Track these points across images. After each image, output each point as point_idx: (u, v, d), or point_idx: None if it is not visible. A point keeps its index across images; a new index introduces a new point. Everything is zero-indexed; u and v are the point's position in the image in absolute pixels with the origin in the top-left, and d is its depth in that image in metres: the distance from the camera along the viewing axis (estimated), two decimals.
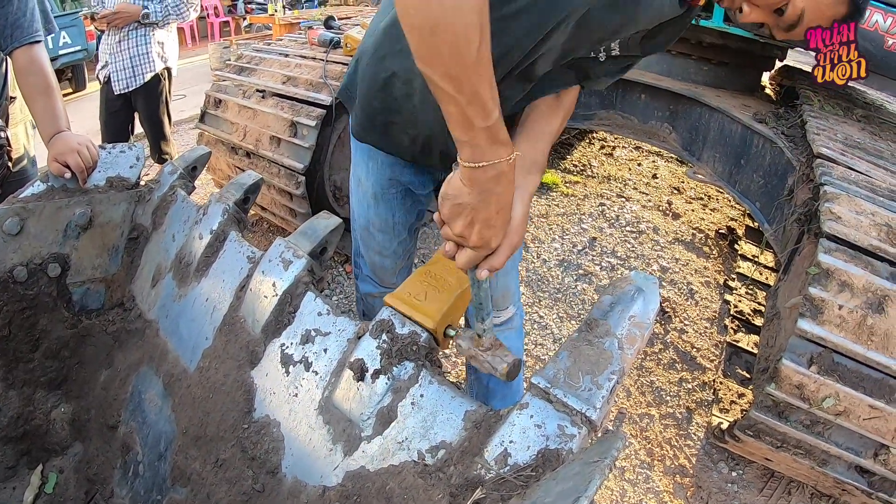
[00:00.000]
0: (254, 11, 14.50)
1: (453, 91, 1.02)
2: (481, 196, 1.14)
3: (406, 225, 2.00)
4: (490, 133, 1.08)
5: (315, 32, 4.13)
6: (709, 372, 3.48)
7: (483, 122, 1.05)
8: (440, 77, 1.01)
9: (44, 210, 1.96)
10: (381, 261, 2.09)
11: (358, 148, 1.88)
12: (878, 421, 2.02)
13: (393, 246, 2.04)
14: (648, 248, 4.72)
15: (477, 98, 1.03)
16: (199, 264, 1.83)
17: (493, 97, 1.05)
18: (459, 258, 1.24)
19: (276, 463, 1.47)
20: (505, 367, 1.29)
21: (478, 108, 1.04)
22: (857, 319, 2.02)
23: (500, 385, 2.31)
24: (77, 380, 2.08)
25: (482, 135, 1.07)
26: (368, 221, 1.99)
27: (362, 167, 1.90)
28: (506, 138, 1.12)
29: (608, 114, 4.69)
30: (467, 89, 1.01)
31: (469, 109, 1.04)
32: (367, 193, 1.93)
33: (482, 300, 1.30)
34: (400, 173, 1.84)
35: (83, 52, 9.82)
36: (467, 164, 1.11)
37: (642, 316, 1.22)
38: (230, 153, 3.97)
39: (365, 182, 1.91)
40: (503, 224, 1.22)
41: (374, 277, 2.17)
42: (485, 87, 1.03)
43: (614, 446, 0.90)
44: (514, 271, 2.15)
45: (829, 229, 2.11)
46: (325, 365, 1.46)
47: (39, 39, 2.30)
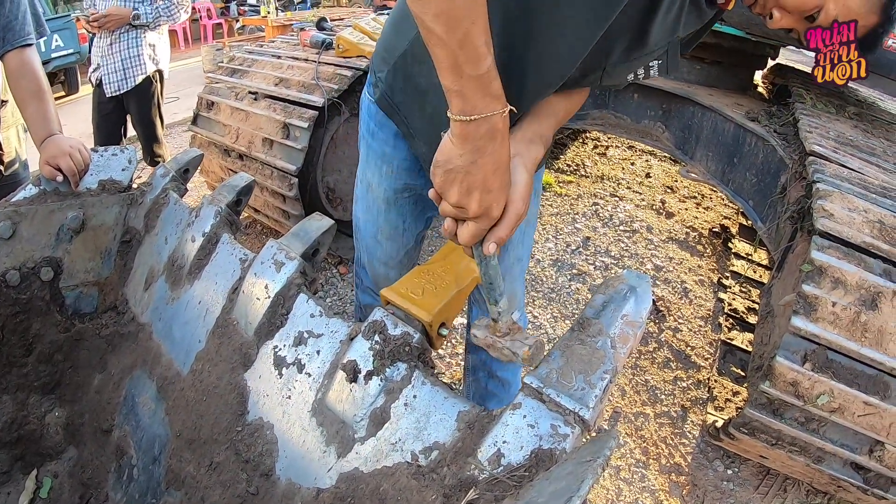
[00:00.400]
0: (246, 13, 14.51)
1: (443, 32, 0.99)
2: (474, 156, 1.09)
3: (415, 232, 1.95)
4: (482, 82, 1.04)
5: (307, 34, 4.13)
6: (703, 370, 3.48)
7: (474, 69, 1.02)
8: (432, 17, 0.98)
9: (36, 214, 1.95)
10: (386, 271, 2.03)
11: (372, 151, 1.81)
12: (873, 417, 2.02)
13: (399, 255, 1.98)
14: (642, 247, 4.72)
15: (468, 41, 0.99)
16: (192, 267, 1.83)
17: (487, 42, 1.02)
18: (462, 233, 1.18)
19: (270, 465, 1.47)
20: (527, 351, 1.23)
21: (469, 52, 1.00)
22: (851, 316, 2.02)
23: (499, 388, 2.30)
24: (71, 384, 2.07)
25: (473, 84, 1.03)
26: (378, 229, 1.91)
27: (375, 171, 1.81)
28: (499, 91, 1.07)
29: (601, 113, 4.70)
30: (459, 31, 0.98)
31: (460, 54, 1.00)
32: (378, 199, 1.85)
33: (492, 279, 1.24)
34: (415, 178, 1.78)
35: (76, 54, 9.79)
36: (458, 118, 1.06)
37: (635, 315, 1.22)
38: (223, 155, 3.97)
39: (377, 188, 1.83)
40: (502, 187, 1.15)
41: (376, 290, 2.11)
42: (478, 30, 0.99)
43: (607, 446, 0.90)
44: (521, 276, 2.09)
45: (822, 226, 2.11)
46: (318, 367, 1.46)
47: (31, 43, 2.30)
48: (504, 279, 1.92)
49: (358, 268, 2.16)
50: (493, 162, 1.10)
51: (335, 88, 3.49)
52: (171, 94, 8.75)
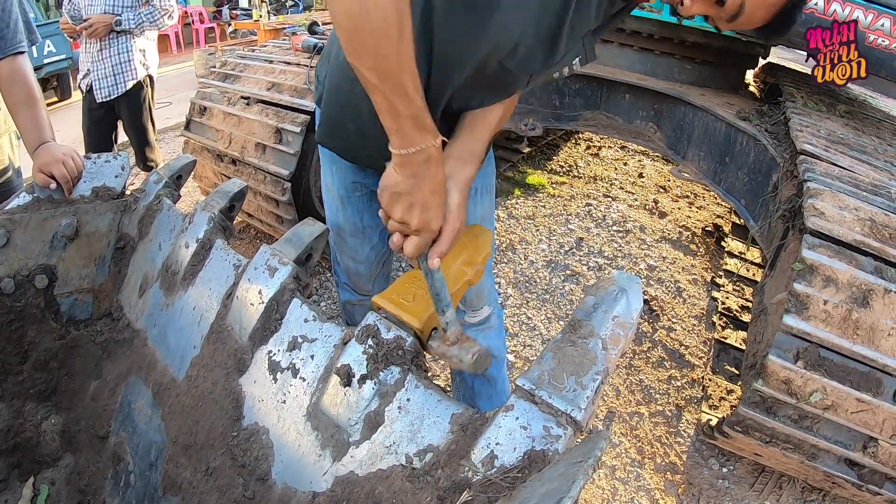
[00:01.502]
0: (239, 17, 14.49)
1: (378, 82, 1.12)
2: (414, 180, 1.24)
3: (376, 229, 2.01)
4: (415, 120, 1.17)
5: (299, 38, 4.13)
6: (697, 369, 3.49)
7: (407, 109, 1.15)
8: (367, 69, 1.11)
9: (30, 221, 1.96)
10: (356, 266, 2.12)
11: (323, 153, 1.92)
12: (866, 414, 2.03)
13: (365, 251, 2.06)
14: (635, 248, 4.73)
15: (400, 87, 1.12)
16: (186, 273, 1.83)
17: (416, 87, 1.14)
18: (407, 247, 1.31)
19: (266, 470, 1.47)
20: (470, 358, 1.29)
21: (401, 97, 1.13)
22: (843, 314, 2.04)
23: (484, 386, 2.32)
24: (66, 391, 2.07)
25: (408, 122, 1.17)
26: (338, 226, 2.02)
27: (328, 171, 1.95)
28: (430, 125, 1.21)
29: (593, 114, 4.71)
30: (391, 80, 1.11)
31: (394, 98, 1.13)
32: (334, 197, 1.97)
33: (438, 291, 1.32)
34: (363, 176, 1.87)
35: (68, 60, 9.77)
36: (398, 152, 1.21)
37: (626, 316, 1.23)
38: (216, 161, 3.97)
39: (332, 187, 1.95)
40: (439, 206, 1.30)
41: (351, 284, 2.20)
42: (407, 78, 1.12)
43: (598, 446, 0.91)
44: (489, 273, 2.16)
45: (813, 225, 2.12)
46: (313, 371, 1.47)
47: (23, 50, 2.30)
48: None
49: (334, 264, 2.23)
50: (430, 184, 1.26)
51: None
52: (164, 99, 8.75)
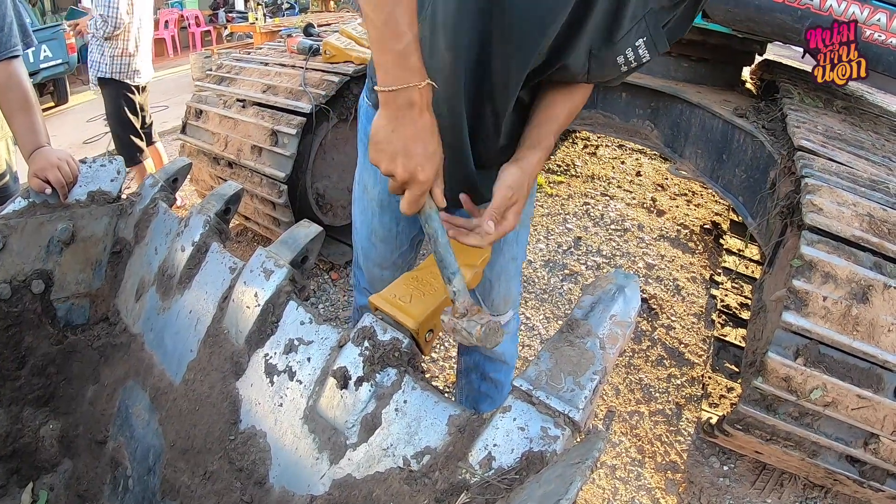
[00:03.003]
0: (234, 20, 14.48)
1: (371, 11, 1.14)
2: (395, 124, 1.22)
3: (409, 236, 1.98)
4: (401, 56, 1.17)
5: (294, 40, 4.13)
6: (697, 367, 3.49)
7: (395, 44, 1.16)
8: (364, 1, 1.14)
9: (26, 226, 1.95)
10: (381, 273, 2.07)
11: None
12: (867, 410, 2.03)
13: (393, 257, 2.03)
14: (634, 246, 4.73)
15: (392, 19, 1.14)
16: (182, 277, 1.82)
17: (409, 23, 1.16)
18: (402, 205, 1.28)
19: (264, 473, 1.47)
20: (479, 329, 1.23)
21: (392, 30, 1.15)
22: (842, 310, 2.03)
23: (491, 389, 2.30)
24: (64, 396, 2.06)
25: (393, 57, 1.17)
26: (372, 230, 1.98)
27: (370, 174, 1.89)
28: (417, 66, 1.20)
29: (590, 113, 4.71)
30: (384, 11, 1.14)
31: (385, 30, 1.15)
32: (372, 200, 1.92)
33: (442, 257, 1.28)
34: None
35: (64, 65, 9.78)
36: (381, 89, 1.20)
37: (623, 315, 1.22)
38: (212, 163, 3.96)
39: (371, 189, 1.90)
40: (425, 154, 1.24)
41: (371, 290, 2.12)
42: (401, 10, 1.14)
43: (595, 447, 0.90)
44: (517, 276, 2.10)
45: (812, 221, 2.12)
46: (309, 374, 1.46)
47: (18, 54, 2.29)
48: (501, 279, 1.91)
49: (355, 269, 2.19)
50: (412, 130, 1.23)
51: (323, 94, 3.48)
52: (160, 103, 8.75)
